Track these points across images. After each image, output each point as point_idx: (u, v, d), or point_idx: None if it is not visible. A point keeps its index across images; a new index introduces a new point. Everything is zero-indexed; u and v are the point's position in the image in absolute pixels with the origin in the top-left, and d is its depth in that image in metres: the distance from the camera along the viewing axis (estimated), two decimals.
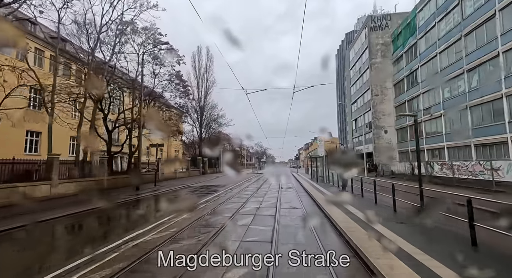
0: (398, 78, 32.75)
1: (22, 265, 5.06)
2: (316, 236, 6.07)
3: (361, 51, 38.69)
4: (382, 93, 34.65)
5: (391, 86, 34.42)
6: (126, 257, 4.88)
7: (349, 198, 10.93)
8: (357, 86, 41.31)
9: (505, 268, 4.17)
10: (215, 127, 45.05)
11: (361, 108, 39.81)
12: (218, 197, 13.33)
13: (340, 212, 8.29)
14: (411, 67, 29.36)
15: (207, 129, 44.57)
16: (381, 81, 34.80)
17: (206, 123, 44.93)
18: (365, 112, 37.83)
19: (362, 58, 38.77)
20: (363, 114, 38.55)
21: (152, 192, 16.01)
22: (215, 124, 44.78)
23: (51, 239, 7.25)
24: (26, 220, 7.89)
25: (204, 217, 8.40)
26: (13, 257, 5.60)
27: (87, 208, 9.70)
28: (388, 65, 34.72)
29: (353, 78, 44.34)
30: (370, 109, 35.32)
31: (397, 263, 4.14)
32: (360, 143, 41.13)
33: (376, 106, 34.65)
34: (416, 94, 28.54)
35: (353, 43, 45.02)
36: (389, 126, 34.00)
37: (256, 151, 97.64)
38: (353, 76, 44.37)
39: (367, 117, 37.06)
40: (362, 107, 38.97)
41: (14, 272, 4.73)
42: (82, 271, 4.24)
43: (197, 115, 44.49)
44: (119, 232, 6.82)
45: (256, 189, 17.21)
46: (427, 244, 5.04)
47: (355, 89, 42.56)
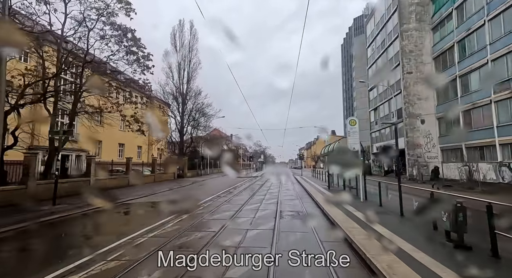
0: (442, 48, 23.93)
1: None
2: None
3: (386, 18, 29.84)
4: (417, 70, 25.82)
5: (430, 60, 25.60)
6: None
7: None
8: (379, 66, 32.50)
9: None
10: (200, 120, 36.28)
11: (383, 94, 31.00)
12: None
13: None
14: (469, 26, 20.52)
15: (190, 121, 35.80)
16: (416, 55, 25.98)
17: (189, 114, 36.16)
18: (390, 98, 29.03)
19: (387, 28, 29.92)
20: (387, 100, 29.73)
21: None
22: (200, 116, 36.00)
23: None
24: None
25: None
26: None
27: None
28: (426, 33, 25.91)
29: (371, 57, 35.52)
30: (400, 92, 26.50)
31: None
32: (381, 138, 32.32)
33: (408, 88, 25.81)
34: (477, 64, 19.73)
35: (370, 16, 36.18)
36: (427, 114, 25.22)
37: (255, 150, 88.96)
38: (371, 55, 35.55)
39: (394, 104, 28.27)
40: (386, 92, 30.15)
41: None
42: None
43: (178, 105, 35.79)
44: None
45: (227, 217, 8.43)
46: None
47: (375, 70, 33.76)
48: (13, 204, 9.88)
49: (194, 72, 36.40)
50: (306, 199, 12.91)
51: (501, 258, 4.45)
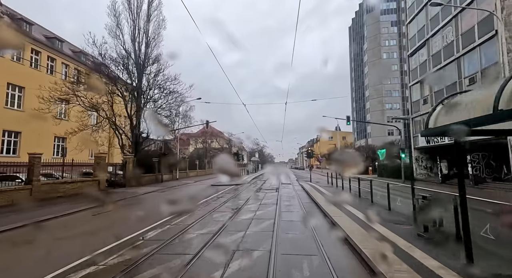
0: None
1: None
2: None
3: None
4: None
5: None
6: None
7: None
8: (431, 14, 21.05)
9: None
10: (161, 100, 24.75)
11: (445, 50, 19.64)
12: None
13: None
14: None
15: (146, 101, 24.34)
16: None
17: (148, 92, 24.74)
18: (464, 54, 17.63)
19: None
20: (456, 58, 18.30)
21: None
22: (160, 93, 24.49)
23: None
24: None
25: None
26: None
27: None
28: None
29: (412, 8, 24.16)
30: (495, 34, 15.02)
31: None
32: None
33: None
34: None
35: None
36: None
37: (252, 149, 77.50)
38: (411, 4, 24.19)
39: (477, 59, 16.89)
40: (450, 46, 18.76)
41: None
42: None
43: (131, 79, 24.36)
44: None
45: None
46: None
47: (420, 24, 22.33)
48: None
49: (157, 36, 24.99)
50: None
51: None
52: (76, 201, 11.19)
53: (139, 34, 24.65)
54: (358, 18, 75.18)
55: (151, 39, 25.03)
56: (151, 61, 24.61)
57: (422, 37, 21.78)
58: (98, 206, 9.83)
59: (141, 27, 24.84)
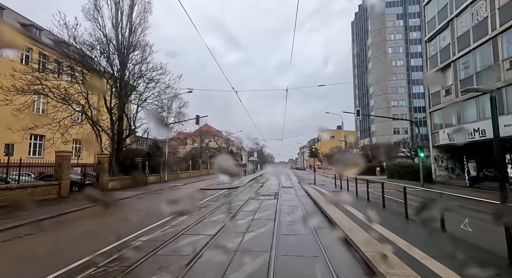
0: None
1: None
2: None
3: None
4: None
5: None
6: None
7: None
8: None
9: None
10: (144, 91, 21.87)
11: (469, 33, 16.75)
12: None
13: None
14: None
15: (130, 93, 21.46)
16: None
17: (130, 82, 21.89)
18: (494, 36, 14.75)
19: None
20: (489, 39, 15.38)
21: None
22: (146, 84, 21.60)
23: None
24: None
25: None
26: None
27: None
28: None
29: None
30: None
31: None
32: (459, 118, 18.22)
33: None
34: None
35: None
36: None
37: (251, 148, 74.57)
38: None
39: (508, 44, 14.00)
40: (478, 27, 15.88)
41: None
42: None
43: (112, 68, 21.48)
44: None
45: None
46: None
47: (441, 4, 19.41)
48: None
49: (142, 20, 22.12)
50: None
51: None
52: (5, 214, 8.28)
53: (122, 19, 21.80)
54: (362, 12, 72.18)
55: (137, 25, 22.20)
56: (134, 49, 21.75)
57: (443, 18, 18.85)
58: (25, 224, 7.01)
59: (124, 11, 22.02)
